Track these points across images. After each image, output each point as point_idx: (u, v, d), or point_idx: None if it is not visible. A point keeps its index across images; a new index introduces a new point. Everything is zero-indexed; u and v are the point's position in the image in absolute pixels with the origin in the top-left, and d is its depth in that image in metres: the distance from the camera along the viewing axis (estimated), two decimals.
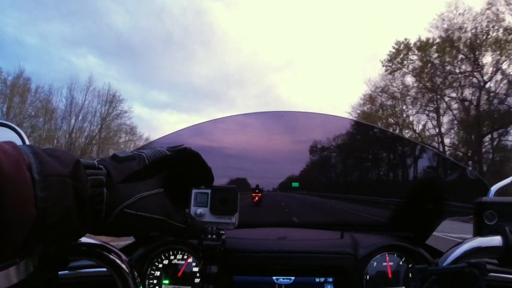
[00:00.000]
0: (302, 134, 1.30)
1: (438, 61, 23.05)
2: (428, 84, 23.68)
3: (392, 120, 27.79)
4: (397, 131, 24.46)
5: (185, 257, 0.95)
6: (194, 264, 0.94)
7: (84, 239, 0.54)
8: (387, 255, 0.94)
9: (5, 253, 0.31)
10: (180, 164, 0.52)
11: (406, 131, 26.25)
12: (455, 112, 23.45)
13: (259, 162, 1.29)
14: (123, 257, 0.57)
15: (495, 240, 0.58)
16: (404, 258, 0.94)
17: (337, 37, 65.24)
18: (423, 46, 23.25)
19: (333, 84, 66.60)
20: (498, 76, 21.15)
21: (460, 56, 22.16)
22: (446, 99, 23.46)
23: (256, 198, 1.27)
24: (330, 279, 0.89)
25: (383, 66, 25.90)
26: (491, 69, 21.25)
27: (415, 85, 24.97)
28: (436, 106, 24.34)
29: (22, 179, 0.30)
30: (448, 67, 22.76)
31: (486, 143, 22.40)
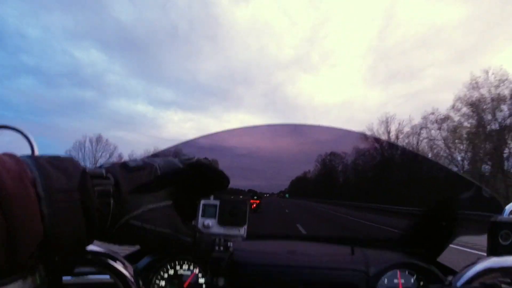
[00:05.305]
0: (312, 141, 1.28)
1: None
2: None
3: None
4: None
5: (192, 268, 0.94)
6: (200, 275, 0.93)
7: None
8: (399, 272, 0.92)
9: (12, 269, 0.30)
10: (191, 178, 0.50)
11: None
12: None
13: (266, 165, 1.27)
14: (128, 265, 0.57)
15: (510, 260, 0.57)
16: (415, 276, 0.91)
17: (348, 35, 64.93)
18: None
19: (341, 84, 66.21)
20: None
21: None
22: None
23: (254, 205, 1.25)
24: None
25: None
26: None
27: None
28: None
29: (26, 195, 0.30)
30: None
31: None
